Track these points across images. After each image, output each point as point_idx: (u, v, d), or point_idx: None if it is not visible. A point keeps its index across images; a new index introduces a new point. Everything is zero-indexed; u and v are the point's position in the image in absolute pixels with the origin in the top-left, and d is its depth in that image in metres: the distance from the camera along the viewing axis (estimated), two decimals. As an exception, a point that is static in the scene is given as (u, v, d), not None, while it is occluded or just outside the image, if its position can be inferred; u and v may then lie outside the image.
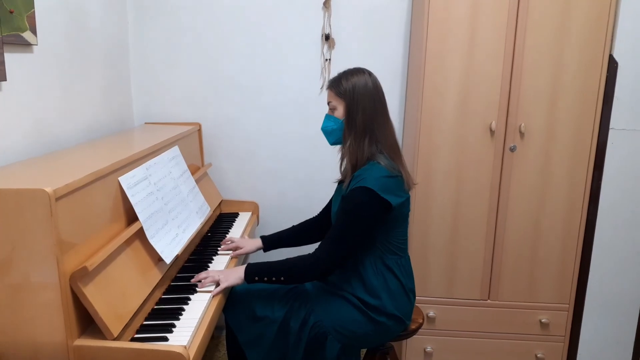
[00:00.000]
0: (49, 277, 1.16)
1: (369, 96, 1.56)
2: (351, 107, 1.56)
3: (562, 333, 2.26)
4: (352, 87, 1.56)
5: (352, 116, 1.56)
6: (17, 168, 1.40)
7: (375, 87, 1.58)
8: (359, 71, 1.59)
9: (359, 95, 1.55)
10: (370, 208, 1.49)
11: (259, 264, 1.61)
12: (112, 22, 2.23)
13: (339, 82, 1.59)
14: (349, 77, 1.57)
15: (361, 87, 1.56)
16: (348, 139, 1.57)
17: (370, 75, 1.59)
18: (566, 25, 2.01)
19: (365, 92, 1.56)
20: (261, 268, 1.59)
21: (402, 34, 2.39)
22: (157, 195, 1.64)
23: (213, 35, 2.42)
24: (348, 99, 1.56)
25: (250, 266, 1.60)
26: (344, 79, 1.58)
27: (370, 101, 1.56)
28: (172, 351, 1.19)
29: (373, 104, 1.56)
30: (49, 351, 1.20)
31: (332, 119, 1.62)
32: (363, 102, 1.55)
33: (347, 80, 1.57)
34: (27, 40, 1.58)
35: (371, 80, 1.58)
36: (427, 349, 2.29)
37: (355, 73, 1.59)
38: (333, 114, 1.61)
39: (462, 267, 2.23)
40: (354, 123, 1.56)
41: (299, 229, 1.91)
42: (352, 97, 1.55)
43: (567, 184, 2.14)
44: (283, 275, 1.56)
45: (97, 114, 2.11)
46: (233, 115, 2.49)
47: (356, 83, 1.56)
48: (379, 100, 1.58)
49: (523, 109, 2.09)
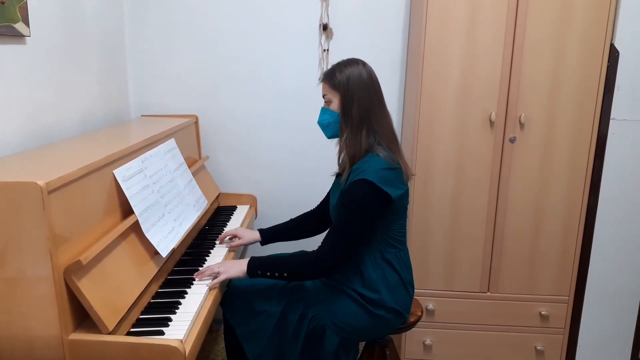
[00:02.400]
0: (42, 271, 1.15)
1: (364, 87, 1.53)
2: (346, 99, 1.54)
3: (562, 325, 2.25)
4: (346, 78, 1.53)
5: (347, 108, 1.54)
6: (9, 161, 1.39)
7: (370, 78, 1.56)
8: (353, 62, 1.57)
9: (353, 86, 1.53)
10: (370, 201, 1.48)
11: (262, 258, 1.59)
12: (107, 13, 2.21)
13: (333, 74, 1.56)
14: (342, 69, 1.55)
15: (355, 78, 1.53)
16: (345, 132, 1.55)
17: (364, 65, 1.57)
18: (567, 14, 1.99)
19: (360, 83, 1.53)
20: (265, 263, 1.57)
21: (401, 23, 2.37)
22: (152, 189, 1.63)
23: (210, 26, 2.39)
24: (343, 91, 1.54)
25: (254, 260, 1.59)
26: (338, 70, 1.56)
27: (365, 92, 1.53)
28: (168, 345, 1.19)
29: (368, 94, 1.54)
30: (44, 345, 1.19)
31: (328, 112, 1.59)
32: (358, 94, 1.53)
33: (341, 72, 1.55)
34: (19, 32, 1.56)
35: (365, 71, 1.55)
36: (427, 341, 2.29)
37: (349, 64, 1.56)
38: (329, 107, 1.59)
39: (462, 259, 2.22)
40: (350, 115, 1.54)
41: (297, 223, 1.89)
42: (347, 88, 1.53)
43: (568, 175, 2.12)
44: (286, 271, 1.55)
45: (93, 106, 2.09)
46: (230, 107, 2.47)
47: (350, 74, 1.54)
48: (374, 91, 1.56)
49: (523, 100, 2.06)
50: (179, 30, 2.39)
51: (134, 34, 2.40)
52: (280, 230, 1.90)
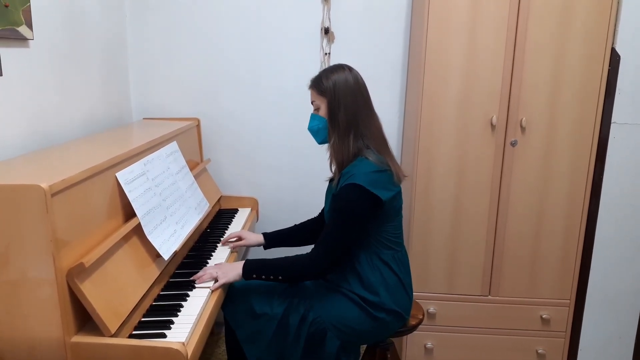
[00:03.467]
0: (45, 274, 1.15)
1: (350, 92, 1.55)
2: (333, 104, 1.56)
3: (563, 329, 2.25)
4: (332, 84, 1.56)
5: (334, 114, 1.56)
6: (12, 163, 1.39)
7: (357, 82, 1.58)
8: (339, 68, 1.59)
9: (340, 92, 1.55)
10: (361, 204, 1.49)
11: (256, 261, 1.60)
12: (109, 16, 2.21)
13: (319, 80, 1.59)
14: (329, 75, 1.57)
15: (341, 83, 1.56)
16: (332, 137, 1.57)
17: (350, 70, 1.59)
18: (568, 18, 1.99)
19: (346, 88, 1.56)
20: (259, 266, 1.58)
21: (402, 27, 2.37)
22: (155, 191, 1.63)
23: (211, 29, 2.40)
24: (329, 97, 1.56)
25: (248, 263, 1.59)
26: (324, 77, 1.58)
27: (351, 97, 1.55)
28: (170, 348, 1.19)
29: (355, 99, 1.56)
30: (46, 348, 1.19)
31: (317, 117, 1.61)
32: (345, 99, 1.55)
33: (327, 78, 1.57)
34: (22, 35, 1.57)
35: (352, 76, 1.58)
36: (428, 345, 2.28)
37: (335, 70, 1.59)
38: (317, 113, 1.61)
39: (463, 262, 2.22)
40: (337, 120, 1.56)
41: (301, 229, 1.91)
42: (333, 94, 1.55)
43: (569, 178, 2.13)
44: (281, 274, 1.56)
45: (95, 109, 2.09)
46: (232, 110, 2.47)
47: (336, 80, 1.56)
48: (361, 95, 1.58)
49: (524, 103, 2.07)
50: (181, 34, 2.40)
51: (135, 37, 2.40)
52: (284, 235, 1.91)
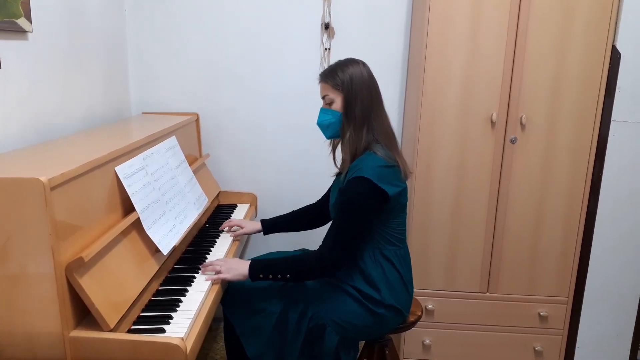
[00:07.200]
0: (44, 268, 1.15)
1: (365, 86, 1.55)
2: (349, 98, 1.55)
3: (561, 326, 2.26)
4: (349, 78, 1.54)
5: (351, 108, 1.55)
6: (11, 157, 1.38)
7: (370, 77, 1.58)
8: (353, 61, 1.58)
9: (357, 86, 1.54)
10: (368, 198, 1.48)
11: (263, 262, 1.59)
12: (109, 11, 2.20)
13: (334, 74, 1.57)
14: (344, 69, 1.56)
15: (358, 77, 1.55)
16: (347, 131, 1.56)
17: (364, 65, 1.59)
18: (569, 16, 1.99)
19: (362, 82, 1.55)
20: (266, 266, 1.57)
21: (403, 23, 2.36)
22: (154, 186, 1.62)
23: (211, 24, 2.38)
24: (346, 91, 1.55)
25: (255, 264, 1.58)
26: (340, 70, 1.56)
27: (367, 91, 1.55)
28: (169, 342, 1.18)
29: (369, 93, 1.56)
30: (45, 342, 1.19)
31: (330, 112, 1.59)
32: (361, 93, 1.54)
33: (342, 71, 1.56)
34: (21, 27, 1.56)
35: (366, 70, 1.58)
36: (426, 341, 2.29)
37: (350, 64, 1.57)
38: (330, 107, 1.59)
39: (462, 259, 2.22)
40: (353, 114, 1.54)
41: (299, 214, 1.92)
42: (350, 88, 1.54)
43: (568, 176, 2.13)
44: (289, 273, 1.55)
45: (94, 103, 2.08)
46: (231, 105, 2.46)
47: (353, 74, 1.55)
48: (375, 90, 1.58)
49: (524, 101, 2.07)
50: (181, 28, 2.39)
51: (135, 30, 2.39)
52: (282, 221, 1.94)
